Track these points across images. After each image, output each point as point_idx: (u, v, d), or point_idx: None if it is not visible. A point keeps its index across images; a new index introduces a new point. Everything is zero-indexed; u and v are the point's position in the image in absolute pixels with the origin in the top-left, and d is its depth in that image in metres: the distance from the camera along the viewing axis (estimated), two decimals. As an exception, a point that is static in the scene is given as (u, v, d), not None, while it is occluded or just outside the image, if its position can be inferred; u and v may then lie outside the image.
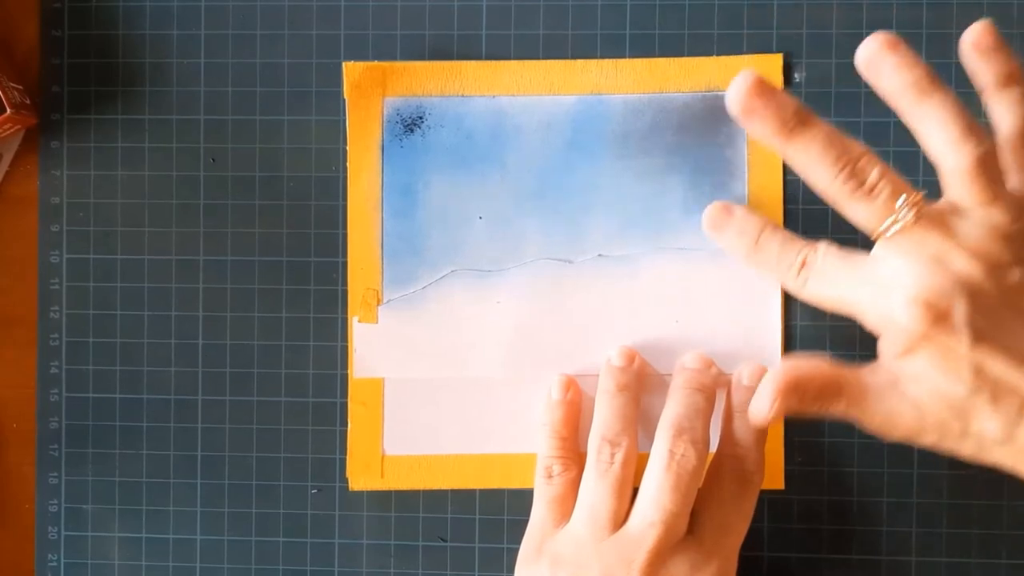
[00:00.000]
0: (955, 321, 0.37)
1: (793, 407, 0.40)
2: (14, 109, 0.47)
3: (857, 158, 0.39)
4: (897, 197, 0.38)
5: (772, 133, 0.39)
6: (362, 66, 0.48)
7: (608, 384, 0.46)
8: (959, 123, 0.38)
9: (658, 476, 0.43)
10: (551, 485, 0.46)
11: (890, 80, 0.39)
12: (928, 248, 0.38)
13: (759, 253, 0.42)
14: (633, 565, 0.42)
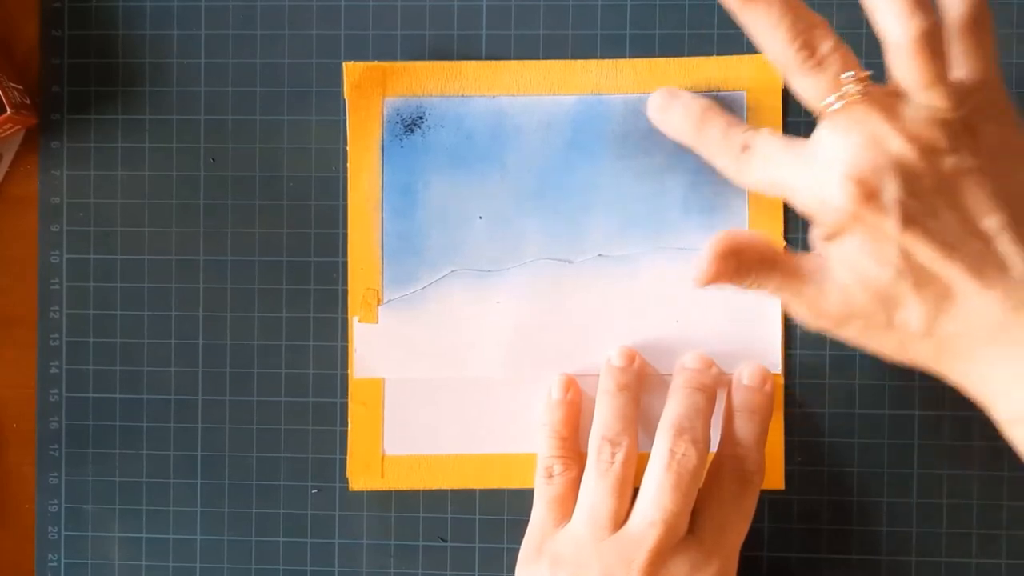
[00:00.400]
0: (885, 201, 0.37)
1: (730, 273, 0.40)
2: (14, 109, 0.47)
3: (812, 27, 0.38)
4: (848, 71, 0.38)
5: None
6: (362, 66, 0.48)
7: (608, 384, 0.46)
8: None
9: (659, 476, 0.43)
10: (551, 485, 0.46)
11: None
12: (867, 127, 0.38)
13: (702, 134, 0.42)
14: (633, 565, 0.42)
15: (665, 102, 0.44)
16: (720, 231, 0.40)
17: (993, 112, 0.39)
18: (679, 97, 0.44)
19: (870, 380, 0.47)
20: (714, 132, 0.42)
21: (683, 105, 0.43)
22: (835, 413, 0.48)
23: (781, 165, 0.40)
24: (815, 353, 0.48)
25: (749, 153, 0.41)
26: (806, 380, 0.48)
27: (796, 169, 0.39)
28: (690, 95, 0.43)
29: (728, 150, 0.41)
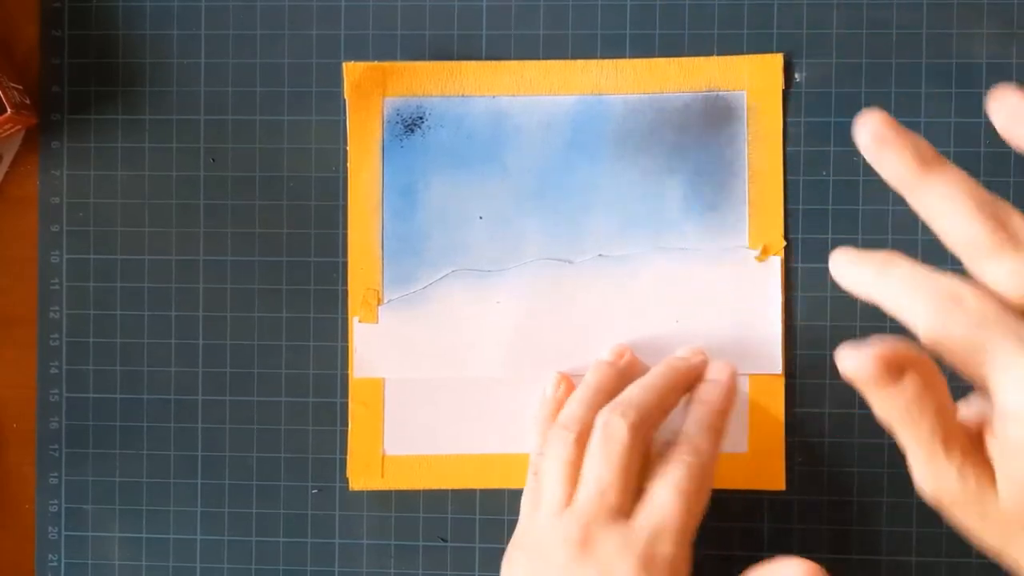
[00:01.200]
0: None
1: (886, 376, 0.33)
2: (14, 109, 0.47)
3: (1002, 206, 0.32)
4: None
5: (909, 166, 0.34)
6: (362, 66, 0.48)
7: (587, 376, 0.46)
8: None
9: (591, 448, 0.42)
10: (535, 482, 0.45)
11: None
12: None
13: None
14: (568, 541, 0.41)
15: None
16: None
17: None
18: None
19: (870, 380, 0.47)
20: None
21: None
22: (835, 413, 0.48)
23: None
24: (816, 353, 0.48)
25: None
26: (806, 380, 0.48)
27: None
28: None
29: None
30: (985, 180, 0.47)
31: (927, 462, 0.34)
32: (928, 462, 0.34)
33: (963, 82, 0.47)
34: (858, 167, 0.47)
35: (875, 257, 0.34)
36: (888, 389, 0.33)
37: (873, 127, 0.35)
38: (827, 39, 0.48)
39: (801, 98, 0.48)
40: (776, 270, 0.47)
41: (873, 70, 0.48)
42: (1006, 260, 0.32)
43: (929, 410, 0.33)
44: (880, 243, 0.47)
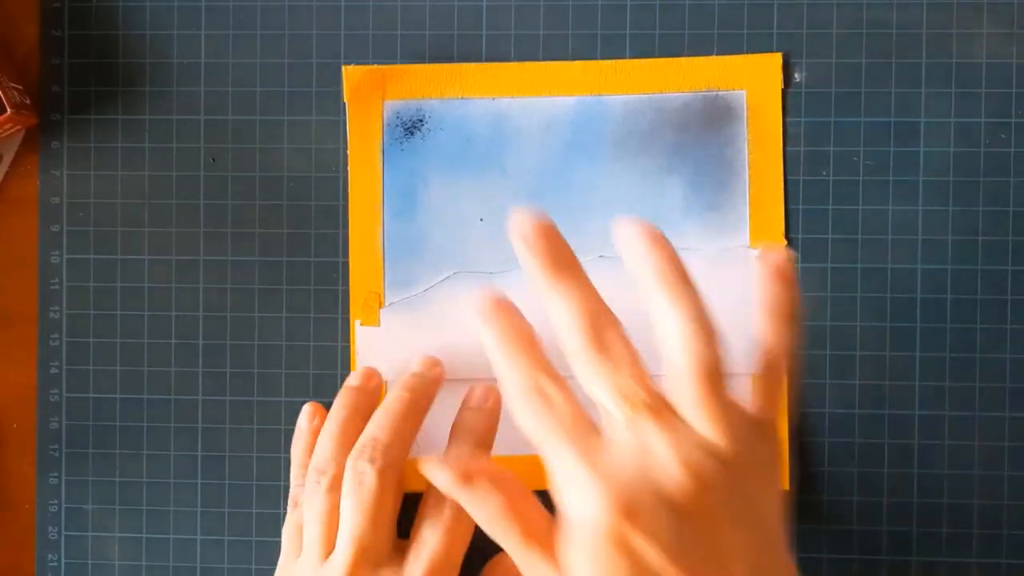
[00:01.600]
0: (647, 525, 0.34)
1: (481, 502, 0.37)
2: (14, 109, 0.47)
3: (607, 325, 0.36)
4: (636, 388, 0.36)
5: (542, 271, 0.37)
6: (362, 70, 0.48)
7: (334, 407, 0.46)
8: (699, 326, 0.36)
9: (345, 499, 0.43)
10: (295, 515, 0.46)
11: (644, 273, 0.36)
12: (642, 443, 0.35)
13: (508, 368, 0.37)
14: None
15: (490, 313, 0.38)
16: None
17: (764, 457, 0.37)
18: (507, 313, 0.38)
19: (871, 380, 0.48)
20: (522, 368, 0.37)
21: (505, 325, 0.38)
22: (835, 414, 0.48)
23: (566, 448, 0.35)
24: (816, 353, 0.48)
25: (549, 411, 0.36)
26: (807, 380, 0.48)
27: (579, 464, 0.35)
28: (519, 316, 0.38)
29: (526, 391, 0.37)
30: (986, 180, 0.47)
31: (520, 560, 0.37)
32: (521, 560, 0.37)
33: (963, 82, 0.47)
34: (858, 167, 0.47)
35: (496, 308, 0.38)
36: (471, 496, 0.37)
37: (520, 226, 0.37)
38: (827, 39, 0.48)
39: (801, 98, 0.48)
40: (777, 270, 0.47)
41: (873, 70, 0.48)
42: (605, 380, 0.36)
43: (514, 517, 0.36)
44: (880, 243, 0.47)
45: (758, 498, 0.36)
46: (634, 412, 0.35)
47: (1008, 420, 0.47)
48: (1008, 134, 0.47)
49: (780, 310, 0.38)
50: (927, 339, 0.47)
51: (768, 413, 0.38)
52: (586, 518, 0.34)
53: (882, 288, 0.48)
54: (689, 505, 0.34)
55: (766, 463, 0.37)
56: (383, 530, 0.43)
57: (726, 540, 0.35)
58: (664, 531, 0.34)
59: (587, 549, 0.34)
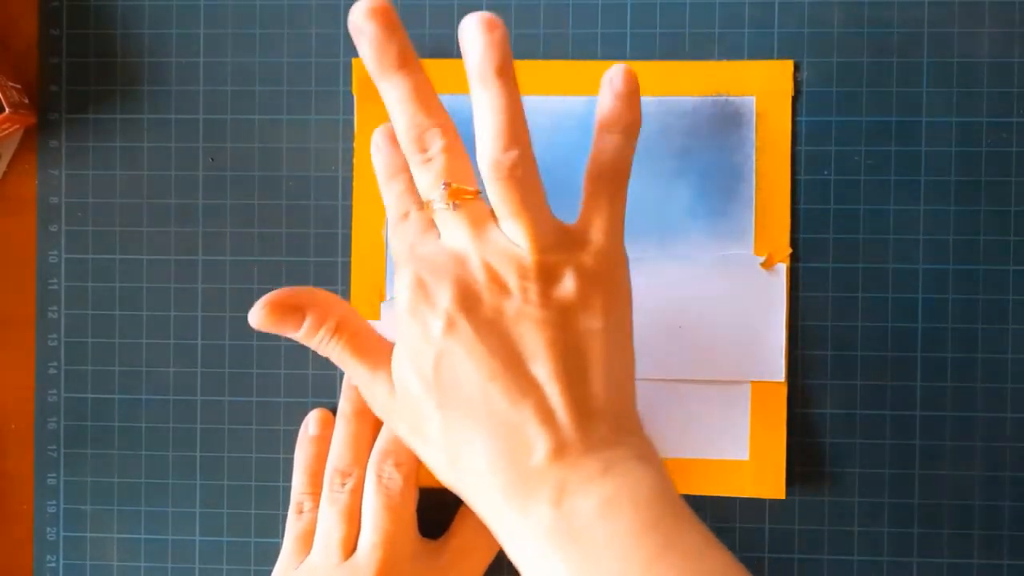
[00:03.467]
0: (438, 304, 0.37)
1: (288, 324, 0.39)
2: (12, 108, 0.47)
3: (428, 126, 0.38)
4: (443, 178, 0.38)
5: (373, 61, 0.38)
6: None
7: (344, 407, 0.47)
8: (504, 121, 0.37)
9: (371, 500, 0.44)
10: (300, 521, 0.46)
11: (468, 59, 0.38)
12: (455, 239, 0.38)
13: (386, 190, 0.43)
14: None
15: (379, 143, 0.44)
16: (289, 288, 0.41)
17: (583, 269, 0.38)
18: (394, 144, 0.43)
19: (872, 381, 0.47)
20: (395, 189, 0.42)
21: (386, 154, 0.43)
22: (836, 414, 0.48)
23: (403, 244, 0.40)
24: (817, 353, 0.48)
25: (403, 223, 0.41)
26: (807, 381, 0.48)
27: (405, 253, 0.39)
28: (391, 150, 0.43)
29: (396, 212, 0.42)
30: (986, 180, 0.47)
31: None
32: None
33: (964, 81, 0.47)
34: (859, 167, 0.47)
35: (384, 138, 0.44)
36: (293, 330, 0.39)
37: (361, 11, 0.38)
38: (828, 38, 0.48)
39: (802, 97, 0.48)
40: (781, 277, 0.47)
41: (874, 69, 0.47)
42: (418, 173, 0.39)
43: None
44: (881, 243, 0.47)
45: (572, 306, 0.37)
46: (445, 205, 0.38)
47: (1009, 420, 0.47)
48: (1010, 134, 0.47)
49: (616, 122, 0.39)
50: (928, 339, 0.47)
51: (593, 228, 0.39)
52: (398, 294, 0.38)
53: (883, 288, 0.47)
54: (488, 301, 0.37)
55: (590, 278, 0.38)
56: (409, 529, 0.45)
57: (525, 339, 0.37)
58: (455, 315, 0.37)
59: (399, 325, 0.38)
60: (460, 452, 0.37)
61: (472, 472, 0.37)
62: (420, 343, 0.37)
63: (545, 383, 0.36)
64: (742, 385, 0.47)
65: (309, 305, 0.39)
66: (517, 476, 0.36)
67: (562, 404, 0.36)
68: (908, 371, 0.47)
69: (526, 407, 0.36)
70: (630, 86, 0.39)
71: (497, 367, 0.36)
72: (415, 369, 0.37)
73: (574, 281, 0.37)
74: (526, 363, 0.36)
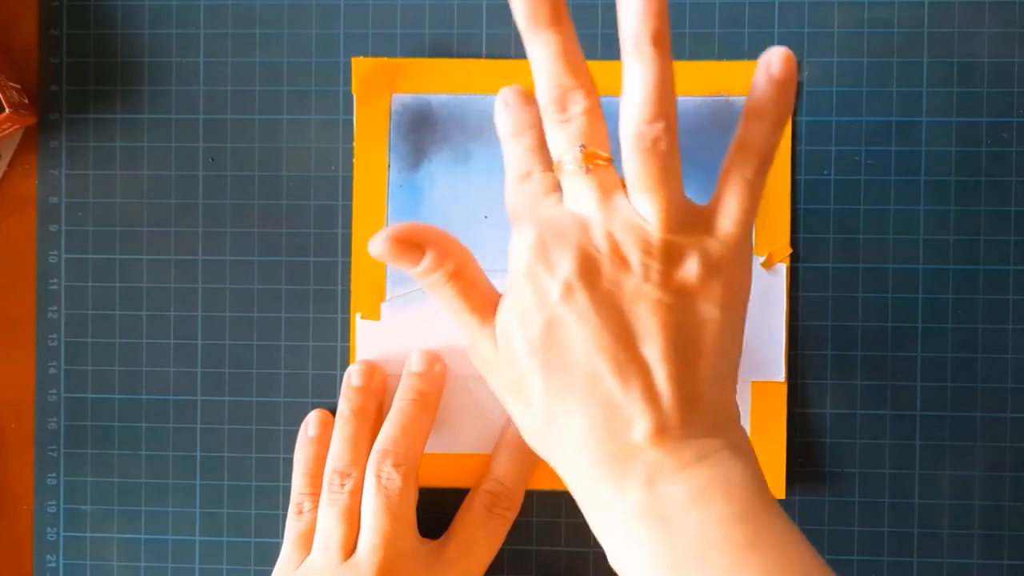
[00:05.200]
0: (556, 269, 0.36)
1: (408, 257, 0.38)
2: (12, 108, 0.47)
3: (572, 86, 0.38)
4: (581, 140, 0.37)
5: (525, 16, 0.38)
6: (371, 62, 0.48)
7: (343, 408, 0.47)
8: (653, 92, 0.36)
9: (370, 500, 0.44)
10: (300, 521, 0.46)
11: (625, 22, 0.37)
12: (582, 205, 0.37)
13: (510, 147, 0.41)
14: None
15: (510, 100, 0.43)
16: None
17: (708, 254, 0.37)
18: (528, 102, 0.42)
19: (871, 381, 0.47)
20: (520, 147, 0.41)
21: (517, 110, 0.42)
22: (836, 414, 0.48)
23: (523, 203, 0.39)
24: (817, 353, 0.48)
25: (524, 182, 0.40)
26: (807, 381, 0.48)
27: (526, 213, 0.39)
28: (536, 110, 0.41)
29: (518, 170, 0.41)
30: (986, 180, 0.47)
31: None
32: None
33: (965, 81, 0.47)
34: (860, 167, 0.47)
35: (517, 95, 0.43)
36: (411, 265, 0.39)
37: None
38: (828, 38, 0.48)
39: (802, 97, 0.48)
40: (781, 277, 0.47)
41: (874, 69, 0.47)
42: (554, 132, 0.38)
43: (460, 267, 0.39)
44: (881, 243, 0.47)
45: (692, 290, 0.37)
46: (576, 166, 0.37)
47: (1009, 421, 0.47)
48: (1010, 134, 0.47)
49: (771, 112, 0.37)
50: (928, 339, 0.47)
51: (724, 213, 0.38)
52: (515, 254, 0.38)
53: (883, 288, 0.47)
54: (608, 275, 0.36)
55: (715, 264, 0.37)
56: (409, 529, 0.44)
57: (639, 322, 0.36)
58: (574, 283, 0.36)
59: (512, 284, 0.38)
60: (557, 419, 0.37)
61: (566, 441, 0.37)
62: (532, 306, 0.37)
63: (654, 365, 0.36)
64: (742, 385, 0.47)
65: (431, 243, 0.39)
66: (613, 452, 0.36)
67: (668, 388, 0.36)
68: (908, 371, 0.47)
69: (633, 385, 0.36)
70: (790, 73, 0.37)
71: (608, 341, 0.36)
72: (524, 331, 0.37)
73: (697, 266, 0.37)
74: (638, 342, 0.36)
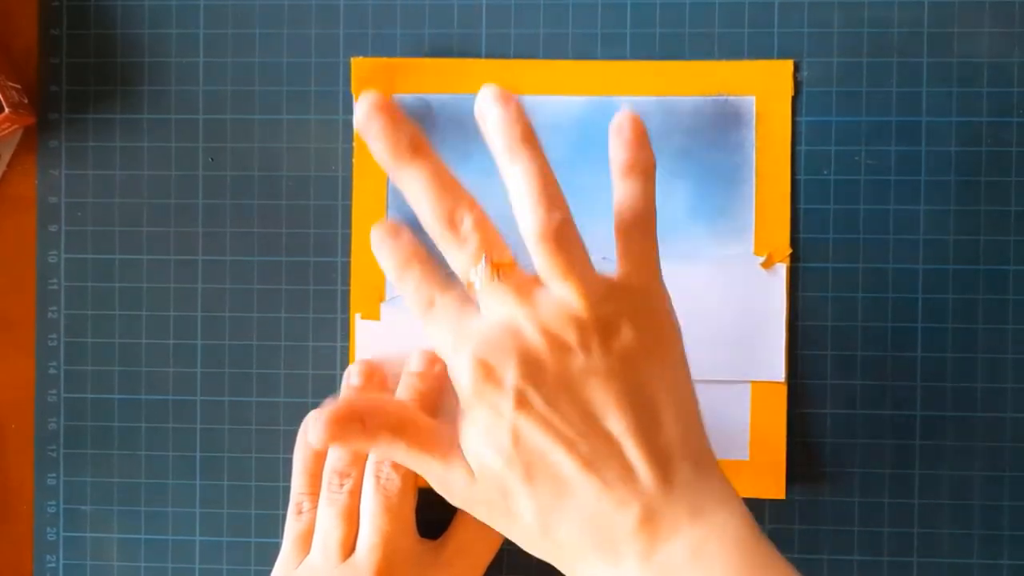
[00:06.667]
0: (505, 383, 0.37)
1: (355, 435, 0.39)
2: (12, 108, 0.47)
3: (455, 205, 0.38)
4: (482, 252, 0.38)
5: (386, 154, 0.39)
6: (370, 62, 0.48)
7: None
8: (539, 187, 0.38)
9: (369, 500, 0.44)
10: (299, 521, 0.46)
11: (491, 135, 0.39)
12: (504, 312, 0.38)
13: (401, 283, 0.40)
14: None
15: (384, 240, 0.41)
16: (346, 395, 0.42)
17: (637, 316, 0.38)
18: (399, 237, 0.41)
19: (872, 380, 0.47)
20: (410, 283, 0.40)
21: (392, 247, 0.41)
22: (836, 414, 0.48)
23: (445, 331, 0.39)
24: (816, 353, 0.48)
25: (429, 311, 0.40)
26: (807, 381, 0.48)
27: (452, 339, 0.39)
28: (407, 236, 0.41)
29: (419, 302, 0.40)
30: (986, 180, 0.47)
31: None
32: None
33: (965, 81, 0.47)
34: (859, 167, 0.47)
35: (385, 233, 0.41)
36: (355, 442, 0.39)
37: (364, 110, 0.39)
38: (828, 38, 0.48)
39: (802, 97, 0.48)
40: (781, 277, 0.47)
41: (874, 69, 0.47)
42: (456, 255, 0.39)
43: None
44: (881, 243, 0.47)
45: (634, 355, 0.38)
46: (486, 278, 0.38)
47: (1009, 421, 0.47)
48: (1010, 134, 0.47)
49: (632, 167, 0.40)
50: (928, 339, 0.47)
51: (634, 275, 0.39)
52: (457, 381, 0.38)
53: (883, 288, 0.47)
54: (552, 366, 0.37)
55: (641, 322, 0.38)
56: (408, 529, 0.45)
57: (596, 400, 0.37)
58: (524, 388, 0.37)
59: (465, 409, 0.38)
60: (550, 522, 0.37)
61: (564, 539, 0.37)
62: (492, 422, 0.37)
63: (622, 439, 0.37)
64: (742, 385, 0.47)
65: (364, 415, 0.39)
66: (609, 539, 0.37)
67: (642, 460, 0.37)
68: (908, 371, 0.47)
69: (610, 471, 0.37)
70: (638, 130, 0.40)
71: (573, 434, 0.37)
72: (493, 448, 0.37)
73: (631, 327, 0.38)
74: (601, 421, 0.37)
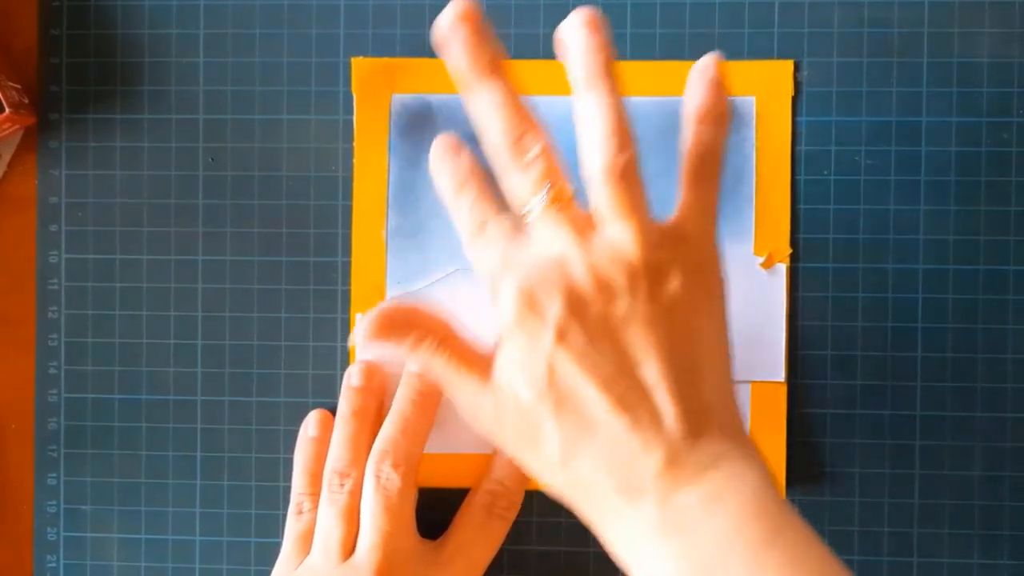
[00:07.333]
0: (547, 315, 0.37)
1: (398, 331, 0.39)
2: (12, 108, 0.47)
3: (525, 129, 0.38)
4: (546, 181, 0.38)
5: (465, 67, 0.39)
6: (370, 62, 0.48)
7: (342, 408, 0.47)
8: (613, 123, 0.37)
9: (369, 500, 0.44)
10: (300, 521, 0.46)
11: (572, 61, 0.38)
12: (556, 245, 0.37)
13: (456, 201, 0.40)
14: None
15: (444, 151, 0.41)
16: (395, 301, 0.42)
17: (688, 267, 0.38)
18: (459, 154, 0.41)
19: (872, 380, 0.47)
20: (467, 199, 0.40)
21: (452, 166, 0.41)
22: (836, 414, 0.48)
23: (493, 255, 0.39)
24: (816, 353, 0.48)
25: (483, 233, 0.39)
26: (807, 381, 0.48)
27: (500, 265, 0.38)
28: (469, 156, 0.41)
29: (471, 221, 0.40)
30: (986, 180, 0.47)
31: None
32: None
33: (965, 81, 0.47)
34: (859, 167, 0.47)
35: (446, 148, 0.41)
36: (401, 341, 0.39)
37: (450, 17, 0.38)
38: (828, 38, 0.48)
39: (802, 97, 0.48)
40: (781, 277, 0.47)
41: (874, 69, 0.47)
42: (514, 178, 0.38)
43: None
44: (881, 243, 0.47)
45: (679, 304, 0.37)
46: (545, 208, 0.38)
47: (1009, 421, 0.47)
48: (1010, 134, 0.47)
49: (710, 111, 0.39)
50: (928, 339, 0.47)
51: (692, 224, 0.39)
52: (499, 306, 0.38)
53: (883, 288, 0.47)
54: (597, 306, 0.37)
55: (693, 272, 0.38)
56: (408, 529, 0.45)
57: (635, 345, 0.37)
58: (567, 324, 0.36)
59: (504, 336, 0.38)
60: (573, 454, 0.37)
61: (584, 478, 0.37)
62: (530, 353, 0.37)
63: (655, 386, 0.36)
64: (742, 385, 0.47)
65: (413, 323, 0.39)
66: (629, 481, 0.36)
67: (671, 406, 0.36)
68: (908, 371, 0.47)
69: (638, 415, 0.36)
70: (723, 75, 0.40)
71: (610, 374, 0.36)
72: (527, 379, 0.37)
73: (680, 278, 0.37)
74: (636, 368, 0.37)
